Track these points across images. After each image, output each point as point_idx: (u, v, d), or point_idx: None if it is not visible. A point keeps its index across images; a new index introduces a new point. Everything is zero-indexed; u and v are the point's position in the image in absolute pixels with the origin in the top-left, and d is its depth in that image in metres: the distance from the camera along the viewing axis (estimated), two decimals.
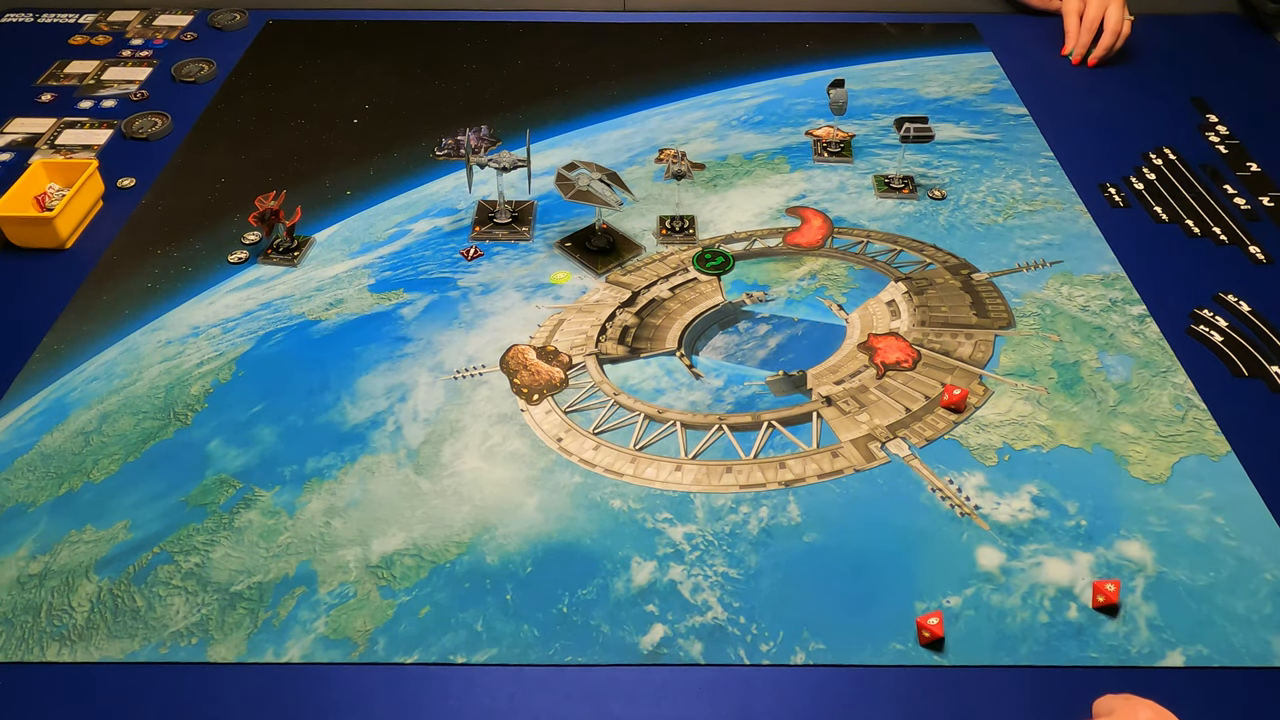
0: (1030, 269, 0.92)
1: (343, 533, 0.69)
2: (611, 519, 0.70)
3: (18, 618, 0.64)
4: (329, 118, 1.14)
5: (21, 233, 0.93)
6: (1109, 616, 0.63)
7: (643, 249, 0.95)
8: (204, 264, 0.93)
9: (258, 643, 0.63)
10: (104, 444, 0.76)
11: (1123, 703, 0.54)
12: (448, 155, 1.07)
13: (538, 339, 0.85)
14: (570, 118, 1.14)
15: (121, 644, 0.63)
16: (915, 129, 0.99)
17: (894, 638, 0.63)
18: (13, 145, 1.08)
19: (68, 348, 0.84)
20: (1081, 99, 1.19)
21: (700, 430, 0.77)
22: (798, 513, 0.70)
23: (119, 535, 0.69)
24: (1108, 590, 0.63)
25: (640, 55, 1.26)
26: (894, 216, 0.99)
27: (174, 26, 1.31)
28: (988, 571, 0.66)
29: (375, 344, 0.84)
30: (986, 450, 0.74)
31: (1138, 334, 0.85)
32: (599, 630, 0.63)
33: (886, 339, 0.85)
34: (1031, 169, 1.05)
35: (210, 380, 0.81)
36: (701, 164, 1.06)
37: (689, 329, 0.86)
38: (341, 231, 0.98)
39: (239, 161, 1.07)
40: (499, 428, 0.77)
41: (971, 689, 0.60)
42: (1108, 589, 0.63)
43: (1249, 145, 1.09)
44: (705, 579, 0.66)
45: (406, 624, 0.63)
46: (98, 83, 1.19)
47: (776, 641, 0.62)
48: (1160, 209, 1.00)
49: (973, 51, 1.26)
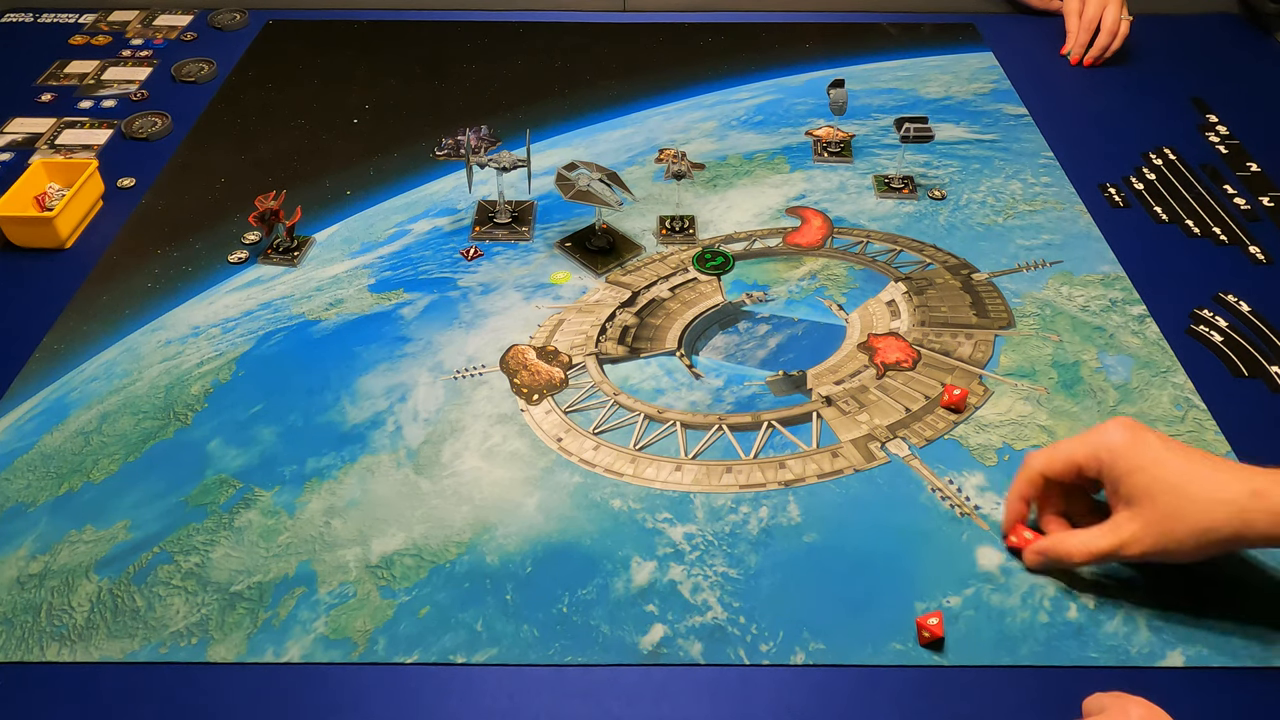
0: (1030, 269, 0.92)
1: (343, 533, 0.69)
2: (611, 519, 0.70)
3: (18, 618, 0.64)
4: (329, 118, 1.14)
5: (21, 233, 0.93)
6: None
7: (643, 249, 0.95)
8: (204, 264, 0.94)
9: (258, 643, 0.63)
10: (104, 444, 0.76)
11: (1113, 700, 0.54)
12: (448, 155, 1.07)
13: (538, 339, 0.85)
14: (570, 118, 1.14)
15: (121, 644, 0.63)
16: (915, 129, 0.99)
17: (894, 638, 0.63)
18: (13, 145, 1.08)
19: (68, 348, 0.84)
20: (1081, 99, 1.19)
21: (700, 430, 0.77)
22: (798, 513, 0.70)
23: (119, 535, 0.69)
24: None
25: (640, 55, 1.26)
26: (894, 216, 0.99)
27: (174, 26, 1.31)
28: (987, 571, 0.66)
29: (375, 344, 0.84)
30: (986, 450, 0.74)
31: (1138, 334, 0.85)
32: (599, 630, 0.63)
33: (886, 339, 0.85)
34: (1031, 169, 1.05)
35: (210, 380, 0.81)
36: (701, 164, 1.06)
37: (689, 329, 0.86)
38: (341, 231, 0.98)
39: (239, 161, 1.07)
40: (499, 428, 0.77)
41: (971, 689, 0.60)
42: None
43: (1249, 145, 1.09)
44: (705, 579, 0.66)
45: (406, 624, 0.64)
46: (98, 83, 1.19)
47: (776, 641, 0.62)
48: (1160, 209, 1.00)
49: (973, 51, 1.26)
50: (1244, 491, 0.57)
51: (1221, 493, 0.58)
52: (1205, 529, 0.58)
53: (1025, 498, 0.66)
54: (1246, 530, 0.57)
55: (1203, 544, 0.58)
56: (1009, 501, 0.67)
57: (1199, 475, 0.59)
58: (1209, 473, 0.59)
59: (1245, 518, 0.57)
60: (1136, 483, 0.60)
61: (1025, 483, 0.66)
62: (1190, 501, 0.58)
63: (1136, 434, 0.61)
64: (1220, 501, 0.58)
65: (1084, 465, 0.63)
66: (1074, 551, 0.63)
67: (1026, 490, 0.66)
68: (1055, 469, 0.64)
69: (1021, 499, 0.66)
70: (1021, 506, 0.66)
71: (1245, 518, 0.57)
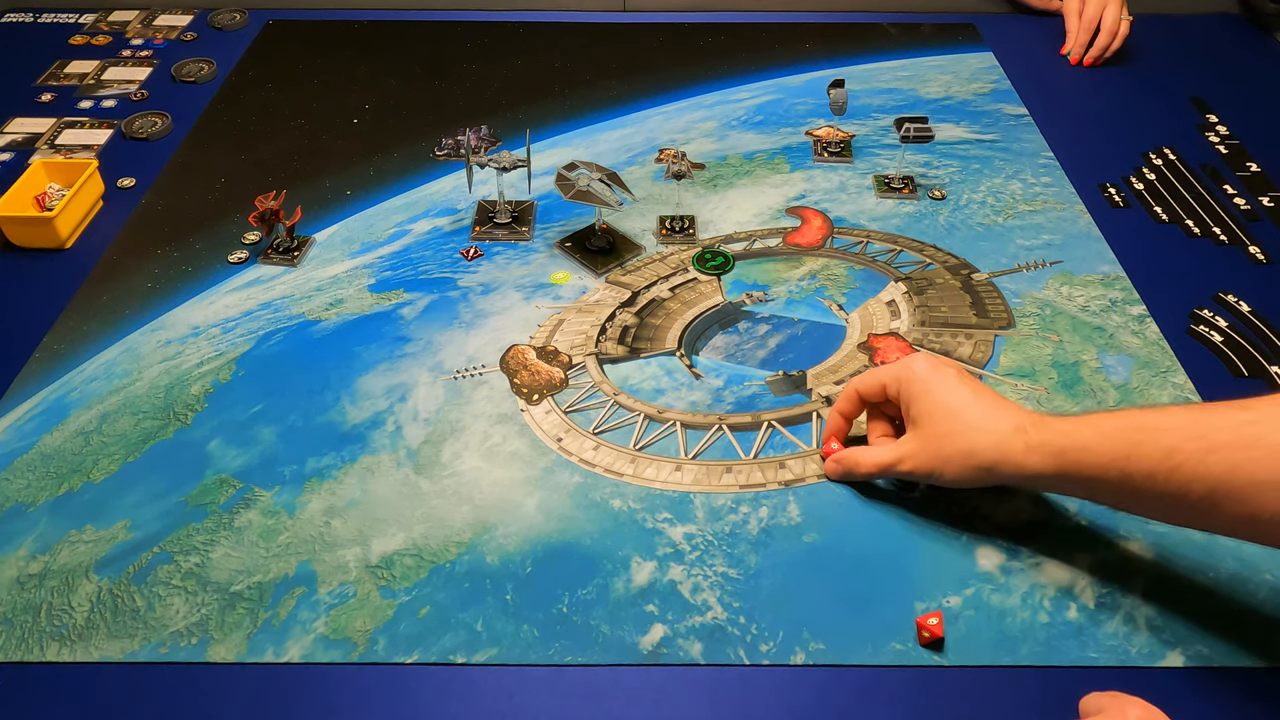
0: (1030, 269, 0.92)
1: (343, 533, 0.69)
2: (611, 519, 0.70)
3: (18, 618, 0.64)
4: (329, 118, 1.14)
5: (21, 233, 0.93)
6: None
7: (643, 249, 0.95)
8: (204, 264, 0.94)
9: (258, 643, 0.63)
10: (104, 444, 0.76)
11: (1111, 700, 0.54)
12: (448, 155, 1.07)
13: (538, 339, 0.85)
14: (570, 118, 1.14)
15: (121, 644, 0.63)
16: (915, 129, 0.99)
17: (894, 638, 0.63)
18: (13, 145, 1.08)
19: (68, 348, 0.84)
20: (1081, 99, 1.19)
21: (700, 430, 0.77)
22: (798, 513, 0.70)
23: (119, 535, 0.69)
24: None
25: (640, 55, 1.26)
26: (894, 216, 0.99)
27: (174, 26, 1.31)
28: (987, 571, 0.66)
29: (375, 344, 0.84)
30: None
31: (1138, 334, 0.85)
32: (599, 630, 0.63)
33: (886, 339, 0.85)
34: (1031, 169, 1.05)
35: (210, 380, 0.81)
36: (701, 164, 1.06)
37: (689, 329, 0.86)
38: (341, 231, 0.98)
39: (239, 161, 1.07)
40: (499, 428, 0.77)
41: (971, 689, 0.60)
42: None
43: (1249, 145, 1.09)
44: (705, 579, 0.66)
45: (406, 624, 0.64)
46: (98, 83, 1.19)
47: (776, 641, 0.62)
48: (1160, 209, 1.00)
49: (973, 51, 1.26)
50: (1010, 425, 0.63)
51: (990, 422, 0.63)
52: (969, 452, 0.63)
53: (843, 413, 0.73)
54: (1003, 461, 0.62)
55: (966, 466, 0.64)
56: (830, 415, 0.74)
57: (977, 406, 0.65)
58: (987, 405, 0.65)
59: (1004, 447, 0.62)
60: (923, 405, 0.66)
61: (844, 399, 0.72)
62: (963, 425, 0.64)
63: (936, 365, 0.67)
64: (986, 431, 0.63)
65: (887, 385, 0.69)
66: (862, 462, 0.70)
67: (844, 406, 0.72)
68: (865, 386, 0.71)
69: (839, 414, 0.73)
70: (839, 420, 0.73)
71: (1004, 447, 0.62)
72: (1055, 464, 0.61)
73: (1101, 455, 0.59)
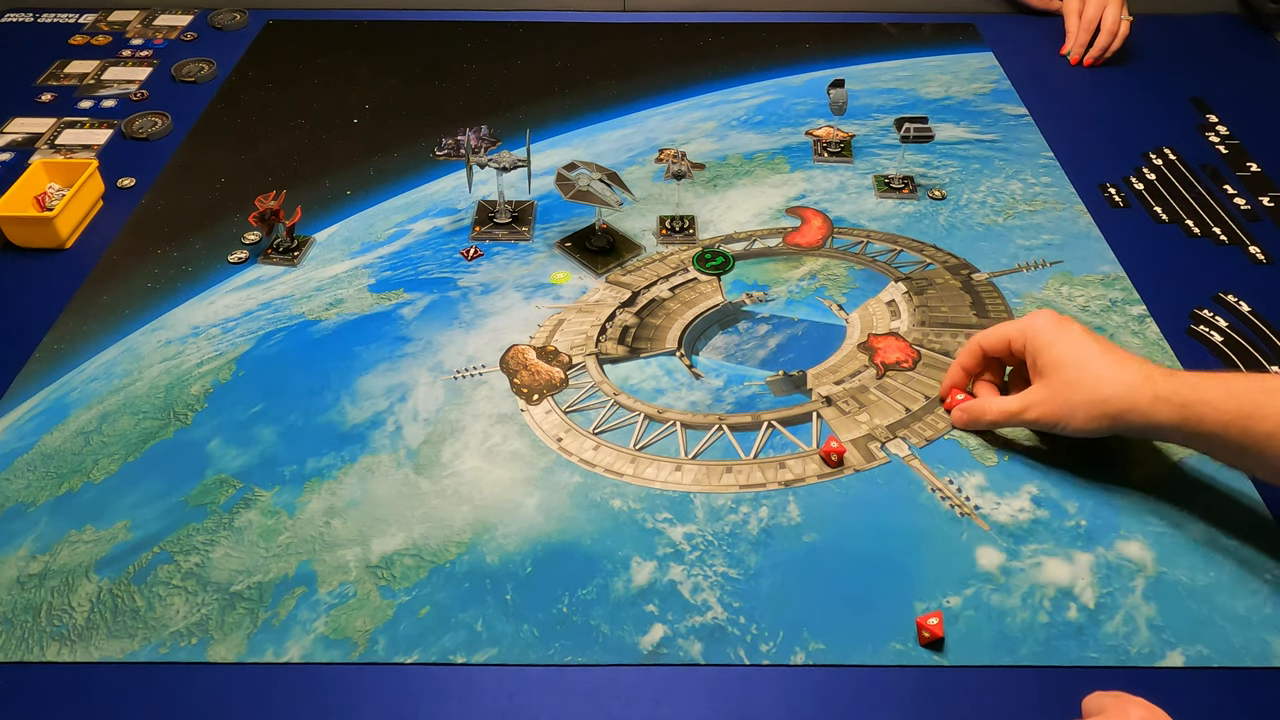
0: (1030, 269, 0.92)
1: (343, 533, 0.69)
2: (611, 519, 0.70)
3: (18, 618, 0.64)
4: (329, 118, 1.14)
5: (21, 233, 0.93)
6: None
7: (643, 249, 0.95)
8: (204, 264, 0.94)
9: (258, 643, 0.63)
10: (104, 444, 0.76)
11: (1113, 700, 0.54)
12: (448, 155, 1.07)
13: (538, 339, 0.85)
14: (570, 118, 1.14)
15: (121, 644, 0.63)
16: (915, 129, 0.99)
17: (894, 638, 0.63)
18: (13, 145, 1.08)
19: (68, 348, 0.84)
20: (1081, 99, 1.19)
21: (700, 430, 0.77)
22: (797, 513, 0.70)
23: (119, 535, 0.69)
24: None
25: (640, 55, 1.26)
26: (894, 216, 0.99)
27: (174, 26, 1.31)
28: (987, 571, 0.66)
29: (375, 344, 0.84)
30: (986, 450, 0.74)
31: (1138, 334, 0.85)
32: (599, 630, 0.63)
33: (886, 339, 0.85)
34: (1031, 169, 1.05)
35: (210, 380, 0.81)
36: (701, 164, 1.06)
37: (689, 329, 0.86)
38: (341, 231, 0.98)
39: (239, 161, 1.07)
40: (499, 428, 0.77)
41: (971, 689, 0.60)
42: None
43: (1249, 145, 1.09)
44: (705, 579, 0.66)
45: (406, 624, 0.64)
46: (98, 83, 1.19)
47: (776, 641, 0.62)
48: (1160, 209, 1.00)
49: (973, 51, 1.26)
50: (1140, 374, 0.65)
51: (1118, 372, 0.66)
52: (1099, 400, 0.66)
53: (965, 367, 0.76)
54: (1131, 409, 0.65)
55: (1093, 415, 0.66)
56: (951, 368, 0.77)
57: (1104, 357, 0.67)
58: (1115, 356, 0.67)
59: (1133, 395, 0.64)
60: (1049, 357, 0.69)
61: (966, 353, 0.75)
62: (1090, 375, 0.66)
63: (1062, 321, 0.70)
64: (1115, 380, 0.66)
65: (1013, 339, 0.72)
66: (988, 409, 0.73)
67: (966, 360, 0.76)
68: (989, 341, 0.74)
69: (961, 368, 0.76)
70: (960, 373, 0.76)
71: (1133, 395, 0.64)
72: (1179, 415, 0.63)
73: (1225, 412, 0.62)
